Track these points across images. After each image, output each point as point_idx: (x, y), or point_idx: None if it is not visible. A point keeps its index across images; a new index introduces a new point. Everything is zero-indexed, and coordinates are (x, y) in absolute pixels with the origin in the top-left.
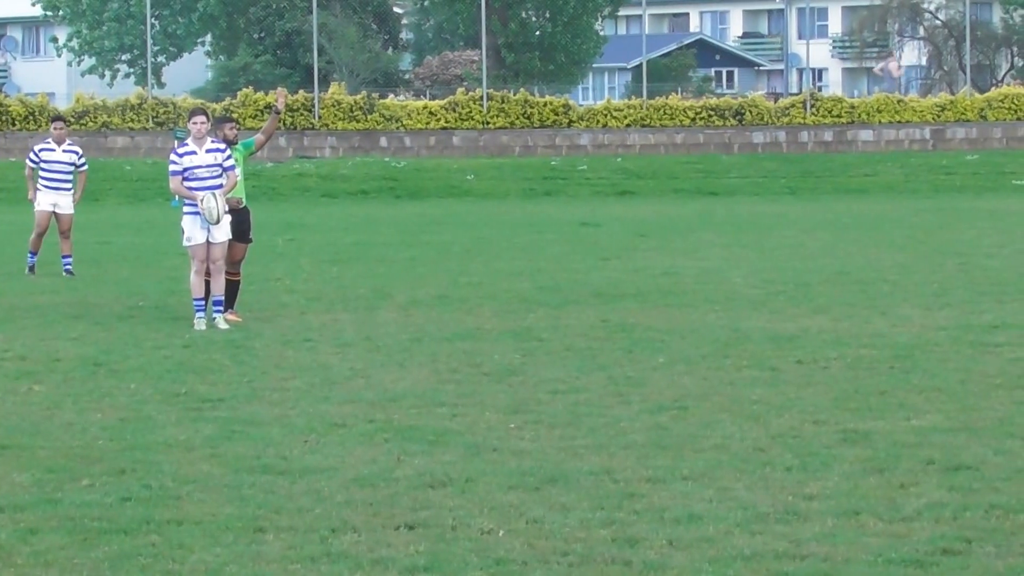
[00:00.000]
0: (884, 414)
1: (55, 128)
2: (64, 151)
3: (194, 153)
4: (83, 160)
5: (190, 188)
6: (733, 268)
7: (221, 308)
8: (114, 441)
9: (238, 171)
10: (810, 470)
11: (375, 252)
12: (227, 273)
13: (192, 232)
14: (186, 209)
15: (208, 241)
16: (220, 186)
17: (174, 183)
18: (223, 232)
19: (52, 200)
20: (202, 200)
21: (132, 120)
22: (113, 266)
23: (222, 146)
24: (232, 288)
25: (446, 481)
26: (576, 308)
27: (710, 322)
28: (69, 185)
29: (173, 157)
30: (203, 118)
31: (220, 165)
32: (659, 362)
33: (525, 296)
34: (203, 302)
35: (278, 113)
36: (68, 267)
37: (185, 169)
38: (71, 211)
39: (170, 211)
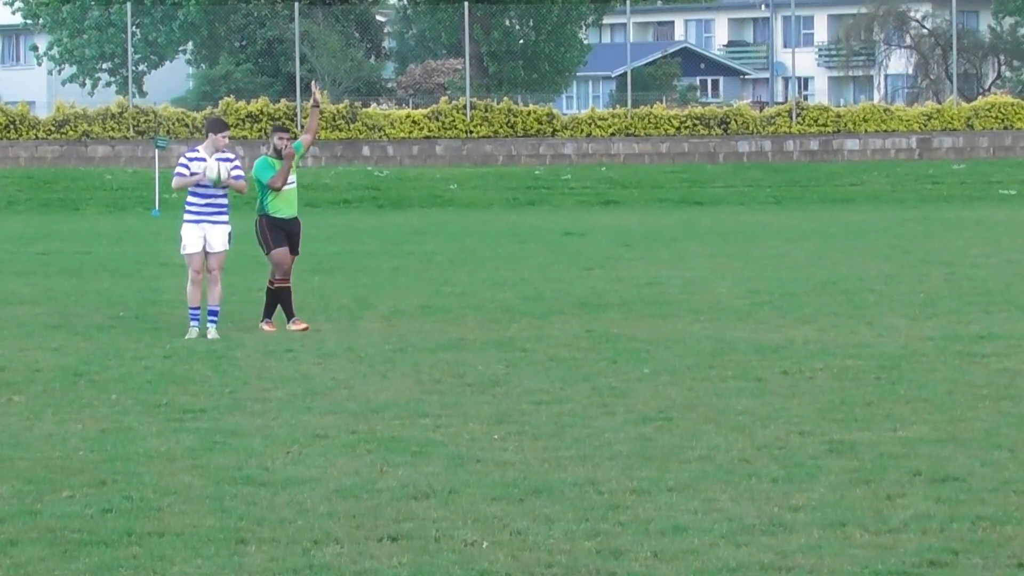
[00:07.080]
0: (870, 425)
1: None
2: None
3: (203, 160)
4: None
5: (195, 193)
6: (718, 278)
7: (216, 319)
8: (95, 452)
9: (292, 178)
10: (796, 481)
11: (357, 262)
12: (278, 281)
13: (189, 240)
14: (185, 217)
15: (205, 251)
16: (225, 195)
17: (179, 180)
18: (220, 242)
19: None
20: (207, 168)
21: (113, 129)
22: (93, 276)
23: (231, 156)
24: (285, 296)
25: (429, 492)
26: (560, 318)
27: (695, 332)
28: None
29: (184, 161)
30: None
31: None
32: (644, 373)
33: (509, 306)
34: (198, 311)
35: (316, 106)
36: None
37: (193, 174)
38: None
39: (151, 220)
